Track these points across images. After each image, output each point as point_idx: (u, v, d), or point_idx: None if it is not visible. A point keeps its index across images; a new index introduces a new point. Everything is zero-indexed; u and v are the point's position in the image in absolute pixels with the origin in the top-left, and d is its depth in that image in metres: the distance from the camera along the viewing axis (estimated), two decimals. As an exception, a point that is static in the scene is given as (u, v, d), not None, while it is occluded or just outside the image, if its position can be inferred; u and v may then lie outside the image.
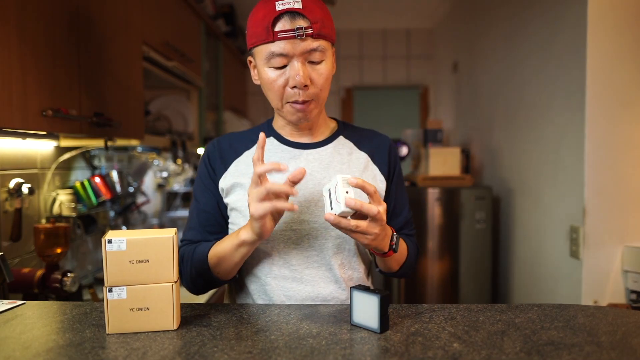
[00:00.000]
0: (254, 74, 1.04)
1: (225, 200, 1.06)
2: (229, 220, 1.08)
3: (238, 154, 1.08)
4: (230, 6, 3.44)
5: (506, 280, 2.70)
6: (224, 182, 1.06)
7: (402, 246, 1.06)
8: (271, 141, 1.08)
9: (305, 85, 0.95)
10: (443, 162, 2.89)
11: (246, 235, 0.91)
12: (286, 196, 0.88)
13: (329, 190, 0.88)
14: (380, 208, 0.87)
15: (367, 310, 0.82)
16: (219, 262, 0.98)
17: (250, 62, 1.03)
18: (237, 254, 0.96)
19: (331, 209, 0.86)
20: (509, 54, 2.57)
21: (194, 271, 1.02)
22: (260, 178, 0.87)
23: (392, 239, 0.96)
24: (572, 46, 1.86)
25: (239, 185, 1.04)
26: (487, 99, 2.96)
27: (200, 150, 2.88)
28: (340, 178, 0.86)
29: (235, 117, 3.48)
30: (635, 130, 1.75)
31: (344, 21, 4.18)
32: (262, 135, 0.89)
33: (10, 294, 1.26)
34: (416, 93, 4.41)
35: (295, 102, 0.97)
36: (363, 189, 0.87)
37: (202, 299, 1.82)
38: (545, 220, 2.16)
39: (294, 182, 0.88)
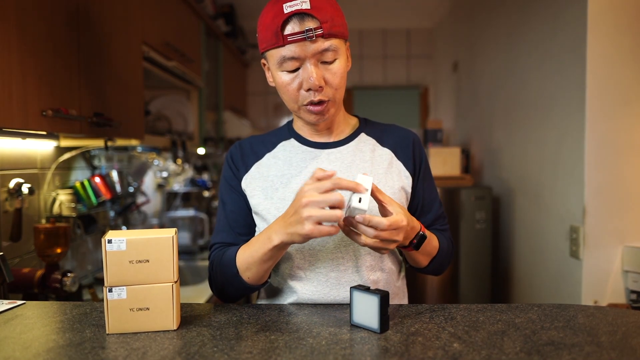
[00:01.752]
0: (268, 76, 1.03)
1: (250, 202, 1.05)
2: None
3: (259, 156, 1.07)
4: (230, 6, 3.44)
5: (506, 280, 2.70)
6: (245, 183, 1.05)
7: (434, 241, 1.02)
8: (291, 142, 1.07)
9: (320, 87, 0.93)
10: (443, 162, 2.89)
11: (279, 238, 0.86)
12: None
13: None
14: (392, 218, 0.84)
15: (367, 310, 0.82)
16: (249, 266, 0.93)
17: (264, 64, 1.02)
18: (271, 258, 0.91)
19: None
20: (509, 53, 2.57)
21: (223, 277, 0.97)
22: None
23: (415, 237, 0.93)
24: (572, 46, 1.86)
25: (260, 189, 1.03)
26: (487, 99, 2.96)
27: (201, 150, 2.88)
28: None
29: (235, 117, 3.48)
30: (636, 130, 1.75)
31: (344, 21, 4.18)
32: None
33: (10, 294, 1.26)
34: (416, 93, 4.40)
35: (311, 103, 0.96)
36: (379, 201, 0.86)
37: (202, 299, 1.82)
38: (545, 220, 2.15)
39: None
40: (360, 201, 0.82)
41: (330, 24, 0.91)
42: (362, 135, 1.08)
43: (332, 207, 0.81)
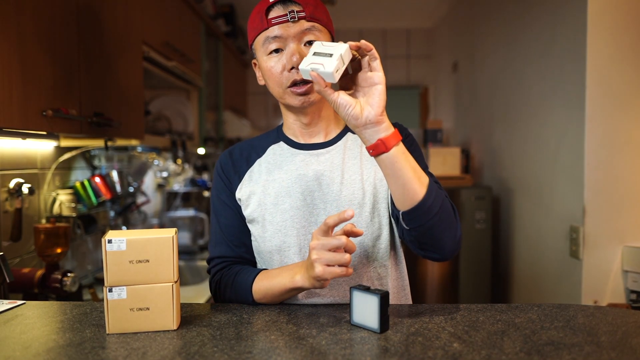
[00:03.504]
0: (258, 75, 1.05)
1: (244, 212, 1.05)
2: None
3: (250, 163, 1.08)
4: (230, 6, 3.44)
5: (506, 280, 2.70)
6: (240, 193, 1.06)
7: (422, 172, 0.89)
8: (280, 146, 1.08)
9: None
10: (443, 162, 2.89)
11: (303, 283, 0.89)
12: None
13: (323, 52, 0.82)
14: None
15: (367, 310, 0.82)
16: (265, 295, 0.97)
17: (255, 64, 1.05)
18: (288, 295, 0.95)
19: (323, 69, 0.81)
20: (509, 54, 2.57)
21: (235, 300, 1.01)
22: (329, 230, 0.84)
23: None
24: (572, 46, 1.86)
25: (254, 195, 1.03)
26: (487, 99, 2.96)
27: (201, 150, 2.88)
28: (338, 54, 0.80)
29: (235, 117, 3.48)
30: (635, 130, 1.75)
31: (344, 21, 4.18)
32: (350, 212, 0.83)
33: (10, 294, 1.26)
34: (416, 93, 4.41)
35: (294, 84, 0.97)
36: (360, 49, 0.82)
37: (202, 299, 1.82)
38: (545, 220, 2.16)
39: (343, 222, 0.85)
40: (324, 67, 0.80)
41: (313, 9, 0.97)
42: (349, 134, 1.09)
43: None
